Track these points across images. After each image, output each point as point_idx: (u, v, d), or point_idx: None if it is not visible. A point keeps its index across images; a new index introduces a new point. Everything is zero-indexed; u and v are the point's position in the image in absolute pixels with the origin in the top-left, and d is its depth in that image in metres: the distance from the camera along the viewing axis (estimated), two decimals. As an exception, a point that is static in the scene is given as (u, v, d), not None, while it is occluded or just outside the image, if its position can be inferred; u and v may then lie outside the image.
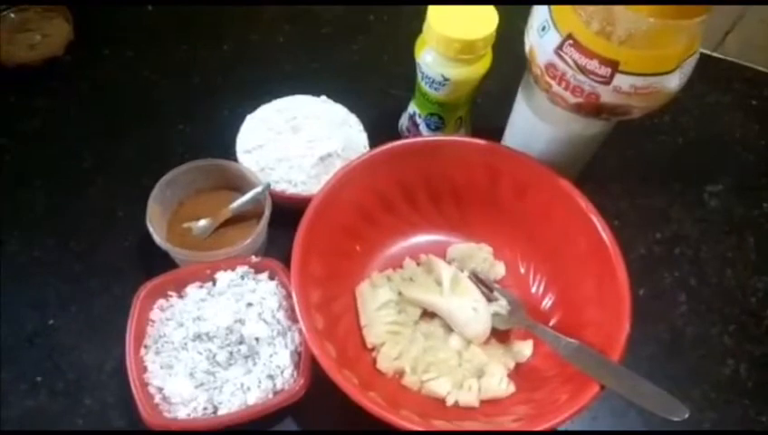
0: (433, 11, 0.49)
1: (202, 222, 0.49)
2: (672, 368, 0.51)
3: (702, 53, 0.43)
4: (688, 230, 0.59)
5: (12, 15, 0.65)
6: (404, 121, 0.59)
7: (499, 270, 0.52)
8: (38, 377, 0.47)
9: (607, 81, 0.41)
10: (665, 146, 0.64)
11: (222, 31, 0.68)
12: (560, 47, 0.41)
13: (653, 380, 0.40)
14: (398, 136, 0.60)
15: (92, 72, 0.64)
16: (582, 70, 0.41)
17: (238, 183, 0.51)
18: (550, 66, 0.43)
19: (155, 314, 0.44)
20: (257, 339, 0.42)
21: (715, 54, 0.70)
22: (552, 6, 0.42)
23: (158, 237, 0.46)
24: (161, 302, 0.44)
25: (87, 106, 0.62)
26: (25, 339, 0.49)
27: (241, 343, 0.42)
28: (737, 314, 0.54)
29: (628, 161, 0.61)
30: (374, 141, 0.55)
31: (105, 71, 0.64)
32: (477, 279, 0.50)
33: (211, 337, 0.42)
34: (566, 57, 0.41)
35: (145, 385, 0.41)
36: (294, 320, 0.43)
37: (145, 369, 0.42)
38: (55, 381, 0.47)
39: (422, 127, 0.57)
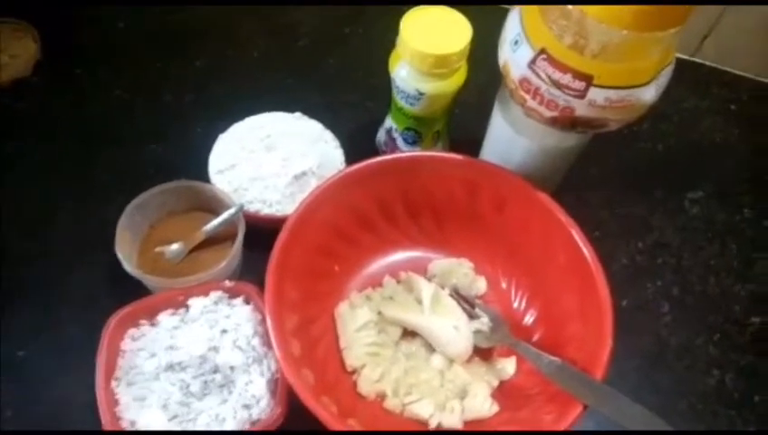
0: (406, 25, 0.48)
1: (174, 246, 0.48)
2: (658, 380, 0.51)
3: (679, 59, 0.42)
4: (670, 238, 0.58)
5: (-22, 36, 0.64)
6: (381, 136, 0.59)
7: (480, 285, 0.51)
8: (8, 412, 0.45)
9: (581, 95, 0.40)
10: (644, 153, 0.63)
11: (195, 46, 0.67)
12: (533, 61, 0.41)
13: (639, 392, 0.39)
14: (375, 151, 0.59)
15: (61, 93, 0.62)
16: (556, 84, 0.40)
17: (211, 205, 0.50)
18: (524, 81, 0.42)
19: (126, 343, 0.43)
20: (232, 367, 0.41)
21: (692, 59, 0.70)
22: (524, 20, 0.41)
23: (128, 265, 0.45)
24: (132, 331, 0.43)
25: (56, 127, 0.60)
26: (-5, 371, 0.47)
27: (215, 371, 0.41)
28: (721, 322, 0.54)
29: (607, 170, 0.61)
30: (351, 157, 0.55)
31: (74, 90, 0.63)
32: (459, 296, 0.49)
33: (184, 367, 0.41)
34: (539, 71, 0.41)
35: (117, 419, 0.40)
36: (270, 346, 0.42)
37: (117, 402, 0.40)
38: (27, 416, 0.45)
39: (399, 141, 0.56)
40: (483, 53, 0.49)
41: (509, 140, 0.50)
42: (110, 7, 0.68)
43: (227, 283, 0.45)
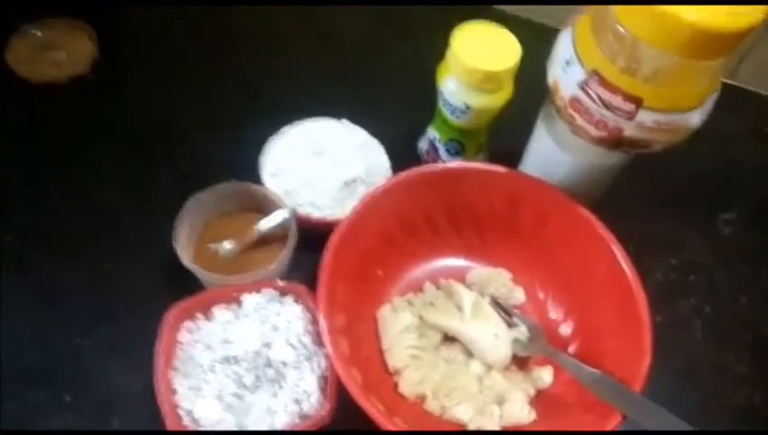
0: (457, 39, 0.50)
1: (228, 244, 0.50)
2: (688, 397, 0.52)
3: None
4: (703, 257, 0.59)
5: (38, 34, 0.66)
6: (423, 145, 0.60)
7: (518, 295, 0.53)
8: (67, 397, 0.48)
9: (630, 116, 0.41)
10: (680, 173, 0.64)
11: (246, 51, 0.69)
12: (585, 82, 0.42)
13: (669, 409, 0.40)
14: (417, 159, 0.61)
15: (117, 92, 0.65)
16: (607, 105, 0.42)
17: (263, 206, 0.52)
18: (574, 100, 0.44)
19: (183, 336, 0.45)
20: (284, 363, 0.43)
21: (729, 81, 0.71)
22: (577, 41, 0.43)
23: (185, 259, 0.47)
24: (189, 324, 0.45)
25: (112, 126, 0.62)
26: (55, 359, 0.49)
27: (268, 366, 0.43)
28: (751, 341, 0.55)
29: (643, 188, 0.62)
30: (395, 164, 0.56)
31: (130, 91, 0.65)
32: (497, 305, 0.51)
33: (239, 360, 0.43)
34: (591, 92, 0.42)
35: (174, 407, 0.42)
36: (320, 344, 0.44)
37: (174, 391, 0.42)
38: (84, 402, 0.47)
39: (441, 152, 0.58)
40: (525, 71, 0.50)
41: (552, 155, 0.51)
42: (166, 7, 0.70)
43: (279, 282, 0.47)
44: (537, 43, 0.47)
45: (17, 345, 0.49)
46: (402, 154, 0.58)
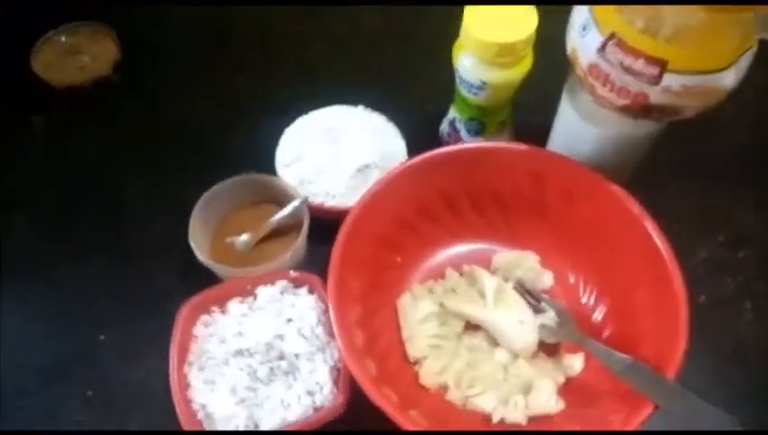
0: (469, 14, 0.47)
1: (243, 237, 0.50)
2: (736, 380, 0.48)
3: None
4: (753, 231, 0.55)
5: (63, 39, 0.68)
6: (445, 127, 0.58)
7: (546, 280, 0.50)
8: (89, 392, 0.48)
9: (655, 81, 0.38)
10: (725, 142, 0.60)
11: (261, 44, 0.68)
12: (602, 47, 0.39)
13: (714, 393, 0.37)
14: (438, 143, 0.59)
15: (139, 91, 0.65)
16: (628, 70, 0.39)
17: (279, 197, 0.51)
18: (593, 67, 0.41)
19: (198, 329, 0.44)
20: (297, 355, 0.42)
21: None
22: (594, 5, 0.40)
23: (200, 254, 0.47)
24: (205, 318, 0.45)
25: (135, 123, 0.63)
26: (77, 354, 0.50)
27: (281, 358, 0.42)
28: (809, 321, 0.50)
29: (685, 160, 0.57)
30: (414, 149, 0.54)
31: (151, 89, 0.66)
32: (524, 290, 0.48)
33: (252, 353, 0.42)
34: (610, 57, 0.39)
35: (188, 402, 0.41)
36: (334, 335, 0.42)
37: (188, 385, 0.42)
38: (105, 397, 0.48)
39: (462, 132, 0.56)
40: (549, 43, 0.47)
41: (578, 129, 0.48)
42: (184, 8, 0.70)
43: (292, 273, 0.46)
44: (563, 10, 0.44)
45: (36, 344, 0.51)
46: (423, 138, 0.56)
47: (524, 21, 0.47)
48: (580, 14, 0.41)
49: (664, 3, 0.36)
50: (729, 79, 0.38)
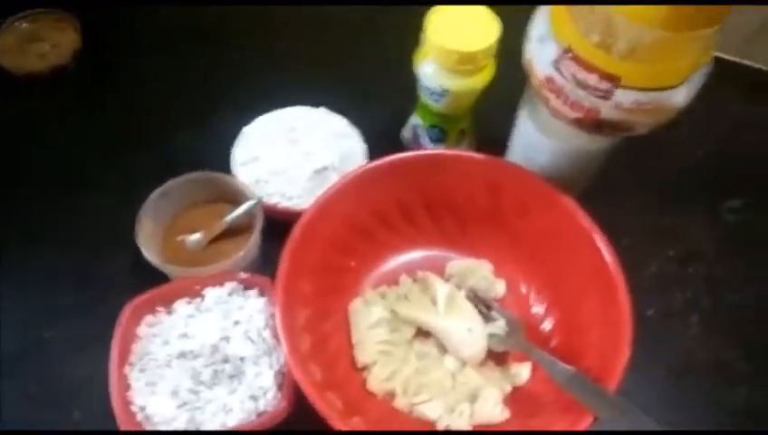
0: (432, 21, 0.47)
1: (195, 235, 0.49)
2: (683, 393, 0.49)
3: (727, 60, 0.40)
4: (704, 248, 0.56)
5: (24, 26, 0.66)
6: (407, 132, 0.58)
7: (499, 289, 0.50)
8: (33, 388, 0.47)
9: (607, 96, 0.38)
10: (683, 159, 0.60)
11: (224, 40, 0.68)
12: (558, 60, 0.39)
13: (662, 405, 0.38)
14: (401, 148, 0.58)
15: (95, 82, 0.64)
16: (581, 85, 0.39)
17: (234, 196, 0.50)
18: (548, 79, 0.41)
19: (142, 330, 0.43)
20: (242, 358, 0.41)
21: (742, 62, 0.66)
22: (552, 15, 0.40)
23: (147, 253, 0.46)
24: (150, 318, 0.44)
25: (91, 115, 0.62)
26: (23, 351, 0.49)
27: (226, 361, 0.42)
28: (752, 336, 0.51)
29: (639, 175, 0.58)
30: (376, 154, 0.54)
31: (109, 80, 0.64)
32: (476, 298, 0.49)
33: (196, 355, 0.42)
34: (564, 71, 0.39)
35: (128, 404, 0.40)
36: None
37: (128, 387, 0.41)
38: (48, 394, 0.47)
39: (424, 139, 0.55)
40: (512, 53, 0.47)
41: (534, 140, 0.48)
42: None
43: (242, 274, 0.45)
44: (527, 21, 0.44)
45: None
46: (385, 144, 0.55)
47: (487, 30, 0.47)
48: (538, 24, 0.41)
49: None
50: (681, 96, 0.39)
